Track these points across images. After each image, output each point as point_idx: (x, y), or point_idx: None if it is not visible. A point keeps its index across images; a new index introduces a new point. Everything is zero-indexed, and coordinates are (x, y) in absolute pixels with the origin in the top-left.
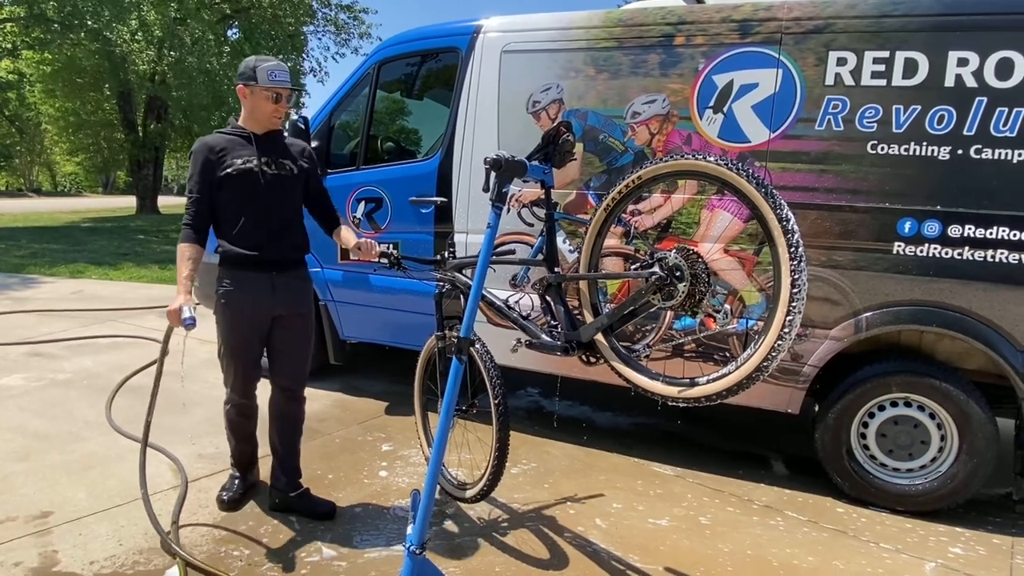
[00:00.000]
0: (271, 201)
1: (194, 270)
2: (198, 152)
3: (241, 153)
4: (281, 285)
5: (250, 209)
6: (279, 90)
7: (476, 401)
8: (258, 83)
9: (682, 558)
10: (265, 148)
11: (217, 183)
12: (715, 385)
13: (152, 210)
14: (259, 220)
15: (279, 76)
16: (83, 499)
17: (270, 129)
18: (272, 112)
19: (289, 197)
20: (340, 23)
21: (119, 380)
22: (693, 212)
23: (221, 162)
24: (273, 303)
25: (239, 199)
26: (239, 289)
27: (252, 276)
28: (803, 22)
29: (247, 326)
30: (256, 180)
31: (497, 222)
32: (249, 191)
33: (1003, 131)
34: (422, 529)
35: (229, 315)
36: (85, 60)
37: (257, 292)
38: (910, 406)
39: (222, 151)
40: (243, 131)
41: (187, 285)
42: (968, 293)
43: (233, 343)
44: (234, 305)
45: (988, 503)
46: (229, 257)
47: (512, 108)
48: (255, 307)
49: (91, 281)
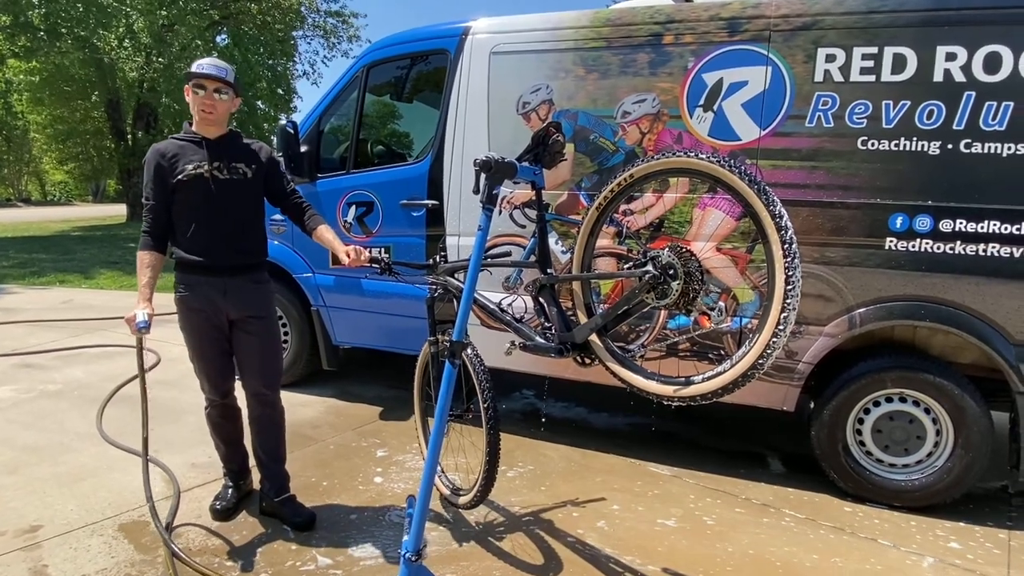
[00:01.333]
0: (222, 206)
1: (153, 278)
2: (150, 159)
3: (192, 158)
4: (233, 289)
5: (201, 215)
6: (203, 80)
7: (471, 405)
8: (190, 79)
9: (681, 559)
10: (217, 152)
11: (170, 189)
12: (710, 384)
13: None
14: (210, 226)
15: (207, 68)
16: (73, 512)
17: (216, 129)
18: (199, 104)
19: (242, 202)
20: (329, 27)
21: (110, 390)
22: (685, 211)
23: (172, 168)
24: (226, 307)
25: (190, 205)
26: (192, 293)
27: (204, 280)
28: (791, 19)
29: (204, 328)
30: (207, 185)
31: (488, 224)
32: (200, 197)
33: (992, 125)
34: (418, 535)
35: (186, 319)
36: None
37: (209, 296)
38: (905, 401)
39: (173, 157)
40: (194, 136)
41: (146, 293)
42: (961, 287)
43: (195, 345)
44: (189, 309)
45: (984, 496)
46: (183, 262)
47: (502, 109)
48: (209, 310)
49: (81, 290)
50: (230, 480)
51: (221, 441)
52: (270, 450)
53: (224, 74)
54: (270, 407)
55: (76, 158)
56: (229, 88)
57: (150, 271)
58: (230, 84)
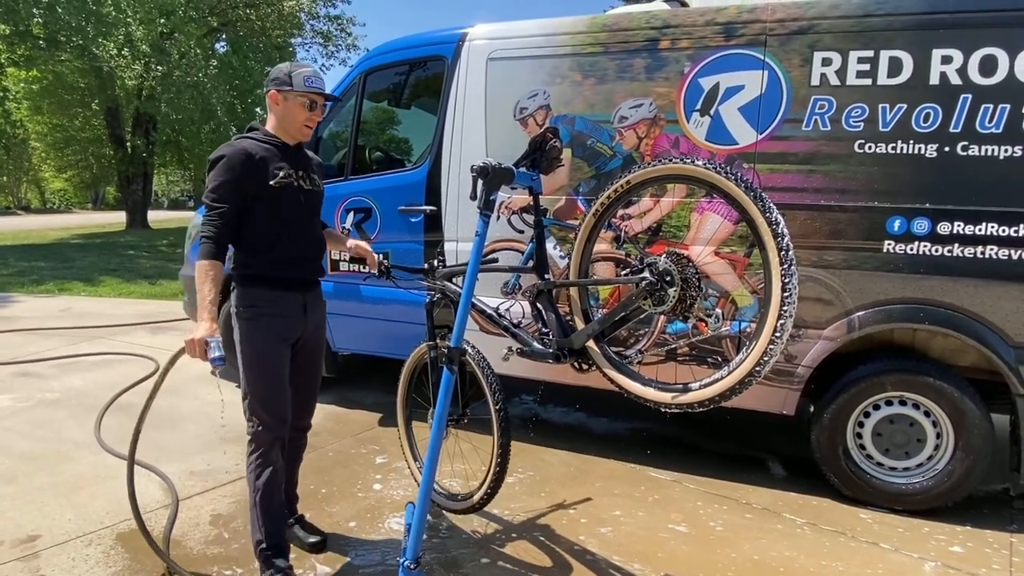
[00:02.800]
0: (307, 218)
1: (218, 293)
2: (234, 157)
3: (280, 164)
4: (311, 305)
5: (290, 226)
6: (315, 96)
7: (468, 410)
8: (294, 88)
9: (682, 564)
10: (298, 161)
11: (253, 195)
12: (708, 390)
13: (142, 225)
14: (298, 238)
15: (316, 83)
16: (71, 521)
17: (299, 140)
18: (305, 120)
19: (319, 214)
20: (328, 34)
21: (108, 399)
22: (683, 215)
23: (262, 172)
24: (306, 325)
25: (278, 214)
26: (274, 309)
27: (287, 296)
28: (787, 23)
29: (281, 349)
30: (296, 195)
31: (485, 230)
32: (289, 207)
33: (989, 127)
34: (416, 543)
35: (261, 339)
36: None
37: (293, 313)
38: (905, 404)
39: (262, 160)
40: (276, 139)
41: (212, 311)
42: (959, 290)
43: (268, 370)
44: (268, 328)
45: (986, 499)
46: (261, 276)
47: (499, 115)
48: (289, 329)
49: (80, 298)
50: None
51: (274, 506)
52: (292, 476)
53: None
54: (306, 436)
55: (75, 166)
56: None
57: (214, 284)
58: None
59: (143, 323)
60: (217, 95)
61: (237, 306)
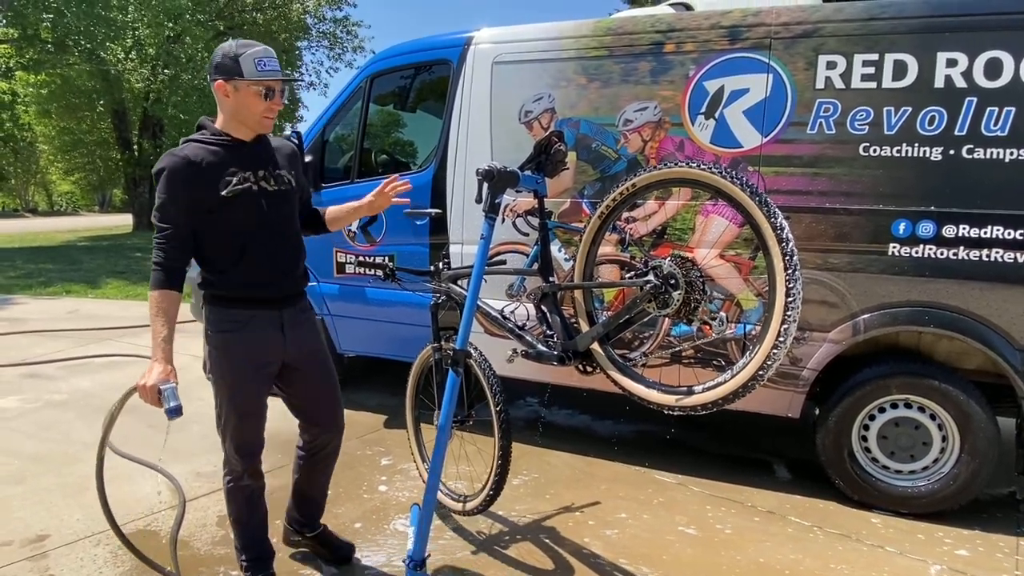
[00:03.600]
0: (276, 224)
1: (173, 329)
2: (174, 170)
3: (232, 168)
4: (291, 322)
5: (253, 238)
6: (271, 83)
7: (473, 412)
8: (244, 76)
9: (686, 567)
10: (256, 159)
11: (206, 208)
12: (712, 393)
13: (149, 227)
14: (265, 250)
15: (270, 64)
16: (80, 521)
17: (258, 134)
18: (264, 112)
19: (292, 216)
20: (335, 36)
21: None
22: (688, 218)
23: (210, 182)
24: (286, 345)
25: (237, 227)
26: (244, 332)
27: (258, 314)
28: (792, 27)
29: (251, 375)
30: (256, 202)
31: (491, 233)
32: (250, 216)
33: (994, 130)
34: (422, 544)
35: (229, 364)
36: (79, 80)
37: (265, 334)
38: (910, 407)
39: (210, 167)
40: (227, 138)
41: (167, 351)
42: (965, 293)
43: (235, 398)
44: (236, 352)
45: (992, 503)
46: (229, 296)
47: (504, 118)
48: (263, 352)
49: (87, 300)
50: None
51: (250, 525)
52: (322, 485)
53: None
54: (337, 452)
55: (82, 168)
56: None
57: (168, 321)
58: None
59: (149, 325)
60: None
61: (206, 329)
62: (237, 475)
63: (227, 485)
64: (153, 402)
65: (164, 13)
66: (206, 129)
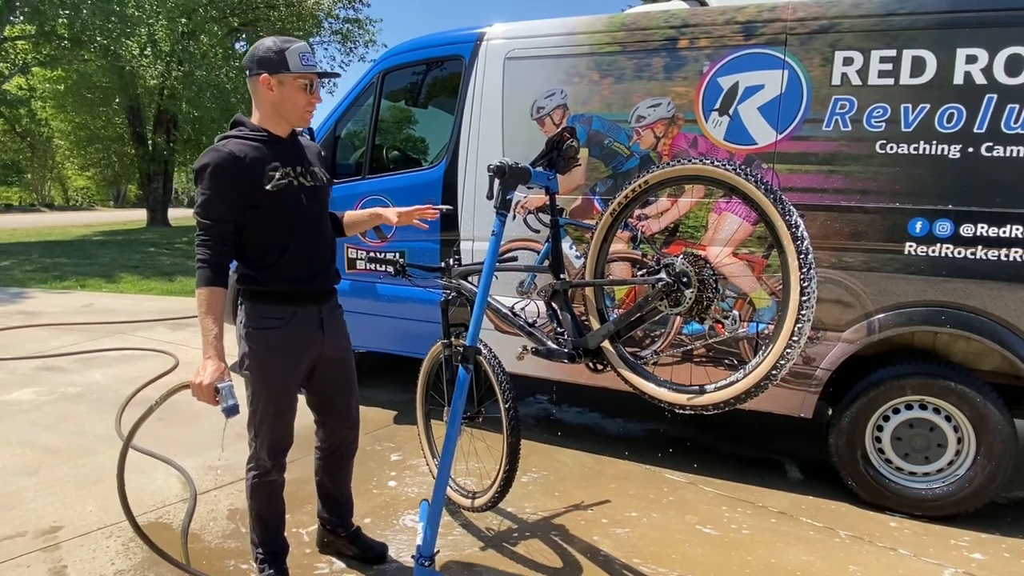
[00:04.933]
0: (314, 220)
1: (223, 325)
2: (220, 166)
3: (274, 163)
4: (328, 318)
5: (296, 232)
6: (314, 76)
7: (483, 408)
8: (290, 70)
9: (696, 567)
10: (294, 154)
11: (250, 204)
12: (723, 393)
13: (163, 222)
14: (307, 244)
15: (312, 59)
16: (92, 513)
17: (294, 129)
18: (306, 105)
19: (326, 213)
20: (346, 32)
21: (129, 393)
22: (701, 215)
23: (254, 176)
24: (323, 341)
25: (281, 222)
26: (286, 328)
27: (300, 311)
28: (808, 22)
29: (288, 372)
30: (297, 196)
31: (502, 230)
32: (292, 211)
33: (1015, 128)
34: (431, 540)
35: (266, 360)
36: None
37: (307, 330)
38: (925, 408)
39: (253, 162)
40: (266, 134)
41: (219, 348)
42: (982, 293)
43: (271, 394)
44: (276, 348)
45: (1008, 506)
46: (272, 292)
47: (516, 115)
48: (305, 348)
49: (101, 294)
50: (270, 567)
51: (271, 519)
52: (346, 482)
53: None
54: (354, 451)
55: (98, 164)
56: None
57: (218, 319)
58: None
59: (163, 319)
60: (237, 95)
61: (246, 325)
62: (264, 471)
63: (252, 480)
64: (208, 400)
65: (178, 9)
66: (244, 125)
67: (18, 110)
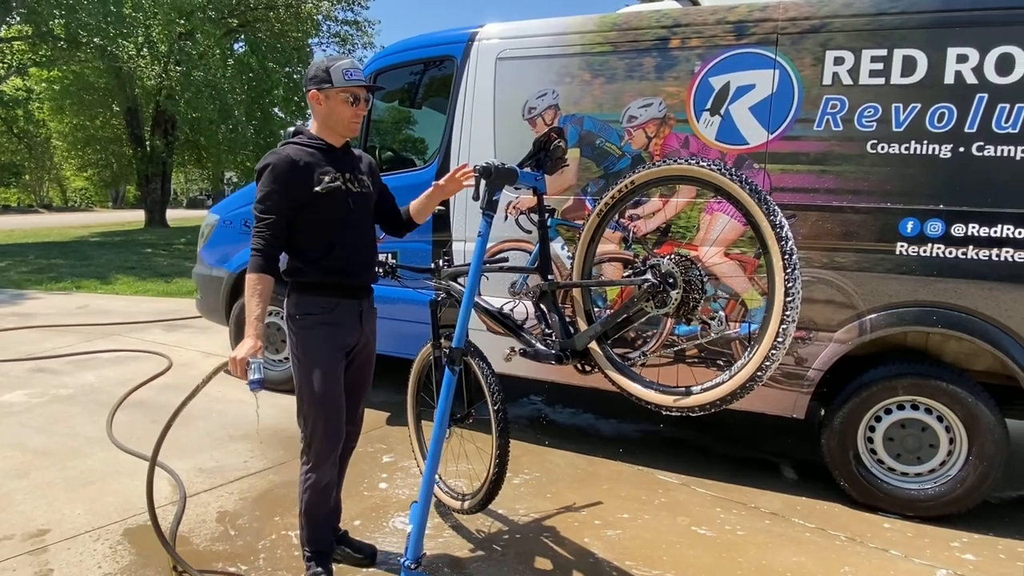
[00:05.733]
0: (359, 222)
1: (266, 309)
2: (279, 166)
3: (326, 168)
4: (367, 313)
5: (340, 231)
6: (357, 90)
7: (472, 410)
8: (333, 85)
9: (687, 568)
10: (345, 162)
11: (302, 203)
12: (710, 394)
13: (161, 223)
14: (350, 242)
15: (355, 75)
16: (81, 516)
17: (346, 139)
18: (351, 117)
19: (370, 217)
20: (344, 35)
21: (121, 395)
22: (692, 216)
23: (308, 178)
24: (361, 332)
25: (328, 221)
26: (333, 315)
27: (344, 304)
28: (799, 22)
29: (339, 359)
30: (344, 199)
31: (488, 230)
32: (338, 212)
33: (1005, 127)
34: (417, 543)
35: (322, 346)
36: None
37: (350, 320)
38: (917, 409)
39: (307, 165)
40: (320, 142)
41: (259, 328)
42: (974, 293)
43: (325, 382)
44: (327, 333)
45: (1000, 507)
46: (317, 283)
47: (508, 115)
48: (347, 336)
49: (97, 295)
50: (318, 566)
51: (320, 519)
52: (341, 484)
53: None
54: (355, 441)
55: (96, 165)
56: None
57: (263, 301)
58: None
59: (158, 320)
60: (235, 95)
61: (293, 314)
62: (318, 463)
63: (307, 476)
64: (240, 374)
65: (175, 10)
66: (303, 134)
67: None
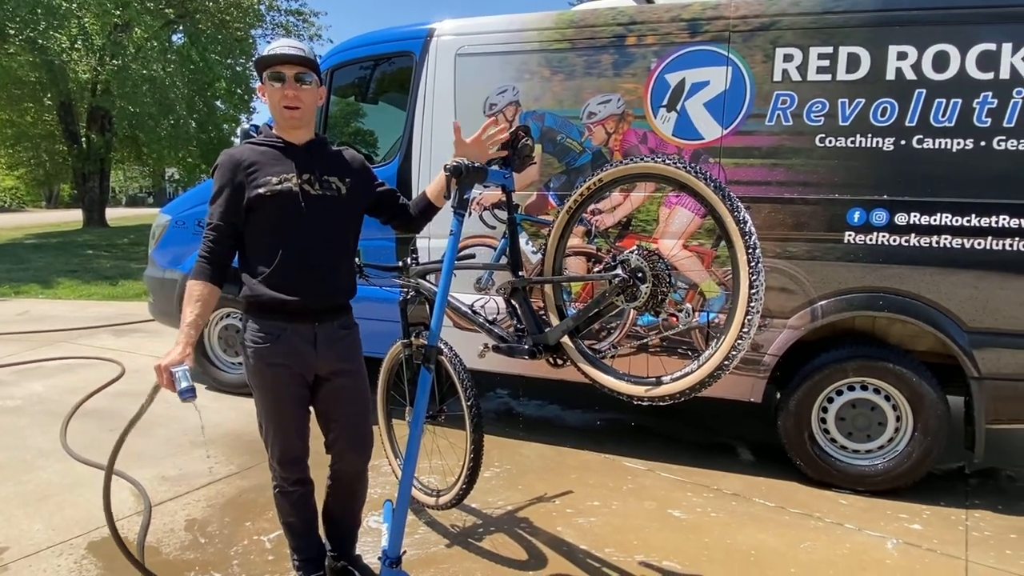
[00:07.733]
0: (314, 230)
1: (203, 316)
2: (222, 167)
3: (276, 169)
4: (325, 338)
5: (288, 240)
6: (280, 68)
7: (444, 407)
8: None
9: (657, 551)
10: (307, 161)
11: (246, 207)
12: (679, 384)
13: (100, 223)
14: (300, 255)
15: (284, 49)
16: (40, 532)
17: (304, 132)
18: (281, 102)
19: (337, 225)
20: (289, 26)
21: (73, 404)
22: (652, 210)
23: (251, 180)
24: (316, 361)
25: (273, 227)
26: (274, 345)
27: (289, 328)
28: (750, 20)
29: (286, 384)
30: (295, 203)
31: (459, 229)
32: (287, 218)
33: (942, 121)
34: (397, 540)
35: (261, 374)
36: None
37: (296, 348)
38: (866, 389)
39: (252, 166)
40: (277, 140)
41: (190, 335)
42: (916, 278)
43: (271, 407)
44: (268, 363)
45: (943, 478)
46: (260, 302)
47: (469, 111)
48: (295, 364)
49: (38, 301)
50: (312, 574)
51: (298, 527)
52: (349, 512)
53: (304, 53)
54: (359, 478)
55: (27, 163)
56: (313, 72)
57: (199, 306)
58: (313, 66)
59: (106, 325)
60: (176, 89)
61: (244, 339)
62: (280, 481)
63: (274, 491)
64: (167, 384)
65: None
66: (262, 133)
67: None
